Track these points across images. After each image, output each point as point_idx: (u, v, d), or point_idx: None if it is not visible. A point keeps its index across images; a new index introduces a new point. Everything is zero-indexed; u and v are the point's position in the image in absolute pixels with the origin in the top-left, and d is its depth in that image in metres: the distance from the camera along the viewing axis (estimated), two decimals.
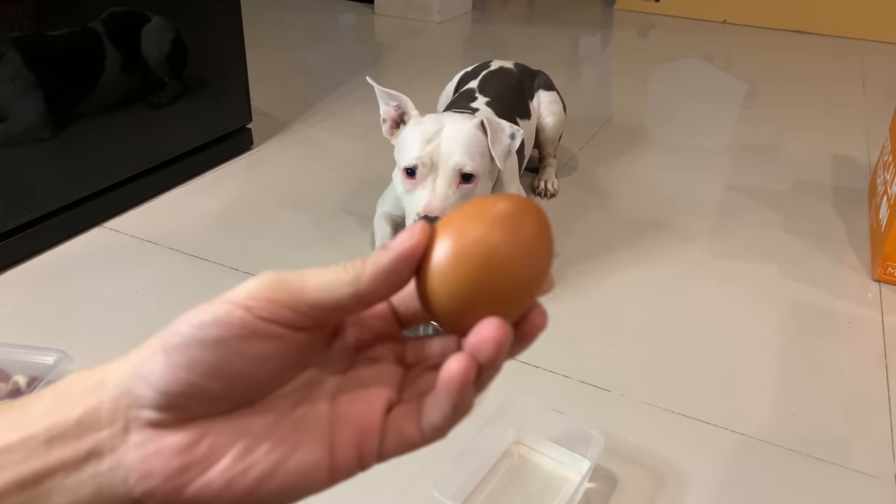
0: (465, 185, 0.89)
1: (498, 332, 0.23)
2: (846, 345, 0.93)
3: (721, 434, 0.77)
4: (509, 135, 0.93)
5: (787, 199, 1.32)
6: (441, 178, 0.88)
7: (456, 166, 0.88)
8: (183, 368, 0.23)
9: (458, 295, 0.24)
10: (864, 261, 1.12)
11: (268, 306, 0.23)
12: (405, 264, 0.24)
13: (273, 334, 0.24)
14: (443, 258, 0.24)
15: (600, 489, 0.69)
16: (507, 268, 0.24)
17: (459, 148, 0.88)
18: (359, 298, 0.24)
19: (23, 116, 1.00)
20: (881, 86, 2.02)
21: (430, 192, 0.88)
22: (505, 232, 0.24)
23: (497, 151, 0.91)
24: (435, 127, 0.90)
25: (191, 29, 1.21)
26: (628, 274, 1.06)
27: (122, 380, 0.24)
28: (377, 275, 0.24)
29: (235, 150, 1.40)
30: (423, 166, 0.88)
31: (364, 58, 2.12)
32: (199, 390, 0.23)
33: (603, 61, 2.27)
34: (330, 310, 0.24)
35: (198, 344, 0.23)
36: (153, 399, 0.23)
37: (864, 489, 0.71)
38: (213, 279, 1.01)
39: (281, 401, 0.25)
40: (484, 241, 0.24)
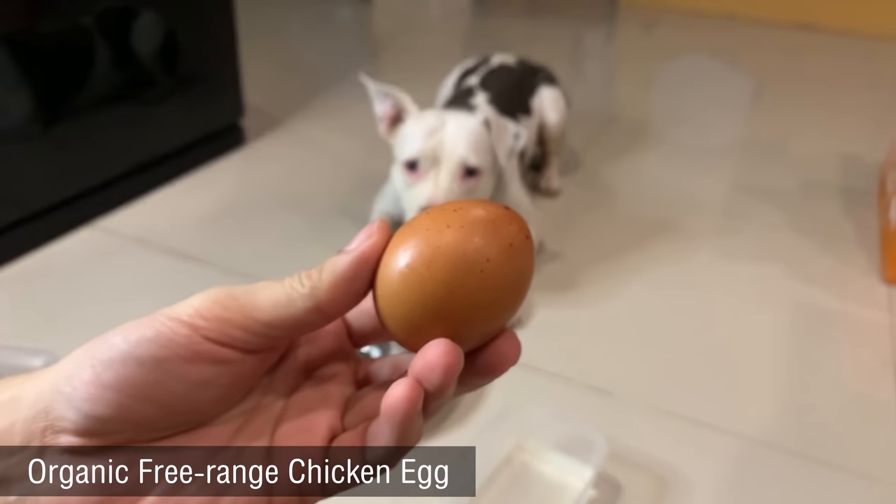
0: (469, 179, 0.88)
1: (446, 357, 0.21)
2: (854, 348, 0.91)
3: (727, 439, 0.75)
4: (513, 134, 0.92)
5: (794, 198, 1.30)
6: (444, 171, 0.86)
7: (460, 159, 0.86)
8: (113, 389, 0.20)
9: (410, 307, 0.21)
10: (873, 262, 1.10)
11: (217, 326, 0.21)
12: (366, 268, 0.22)
13: (220, 357, 0.21)
14: (398, 264, 0.21)
15: (604, 497, 0.68)
16: (461, 280, 0.21)
17: (464, 141, 0.87)
18: (319, 312, 0.22)
19: (12, 113, 0.99)
20: (891, 84, 2.00)
21: (433, 184, 0.86)
22: (476, 239, 0.21)
23: (501, 149, 0.90)
24: (437, 121, 0.89)
25: (183, 24, 1.20)
26: (632, 275, 1.04)
27: (40, 397, 0.21)
28: (336, 283, 0.22)
29: (228, 148, 1.38)
30: (426, 159, 0.86)
31: (361, 52, 2.10)
32: (129, 414, 0.20)
33: (607, 57, 2.25)
34: (287, 328, 0.22)
35: (134, 362, 0.20)
36: (74, 421, 0.20)
37: (870, 493, 0.70)
38: (204, 279, 0.99)
39: (218, 429, 0.22)
40: (448, 248, 0.21)
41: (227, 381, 0.22)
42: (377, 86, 0.93)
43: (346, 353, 0.25)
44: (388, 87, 0.93)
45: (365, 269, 0.22)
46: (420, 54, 2.08)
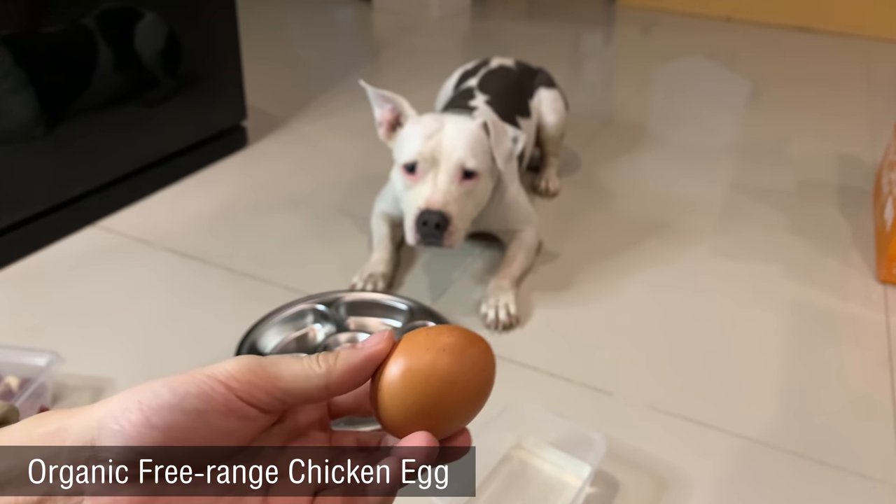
0: (467, 181, 0.88)
1: (429, 444, 0.27)
2: (851, 347, 0.91)
3: (724, 438, 0.76)
4: (512, 138, 0.92)
5: (791, 199, 1.31)
6: (443, 173, 0.87)
7: (458, 161, 0.87)
8: (159, 430, 0.25)
9: (405, 403, 0.28)
10: (868, 262, 1.11)
11: (248, 388, 0.26)
12: (372, 365, 0.28)
13: (246, 414, 0.26)
14: (394, 372, 0.29)
15: (601, 494, 0.68)
16: (445, 391, 0.29)
17: (462, 144, 0.87)
18: (328, 390, 0.27)
19: (15, 114, 0.99)
20: (887, 85, 2.00)
21: (431, 186, 0.86)
22: (449, 360, 0.29)
23: (499, 153, 0.90)
24: (436, 124, 0.89)
25: (185, 25, 1.20)
26: (630, 275, 1.05)
27: (87, 431, 0.25)
28: (347, 371, 0.27)
29: (230, 148, 1.39)
30: (424, 162, 0.87)
31: (361, 54, 2.11)
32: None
33: (605, 58, 2.26)
34: (300, 398, 0.27)
35: (180, 411, 0.25)
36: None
37: (868, 493, 0.70)
38: (206, 279, 1.00)
39: (220, 474, 0.27)
40: (429, 366, 0.28)
41: (245, 434, 0.27)
42: (376, 90, 0.93)
43: (325, 423, 0.31)
44: (386, 91, 0.94)
45: (371, 366, 0.28)
46: (420, 55, 2.09)
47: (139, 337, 0.88)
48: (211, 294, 0.96)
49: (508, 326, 0.91)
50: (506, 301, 0.92)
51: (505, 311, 0.91)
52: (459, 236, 0.88)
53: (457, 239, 0.87)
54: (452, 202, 0.86)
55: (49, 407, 0.75)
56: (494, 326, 0.91)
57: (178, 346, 0.86)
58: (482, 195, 0.92)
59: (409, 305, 0.90)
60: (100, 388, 0.79)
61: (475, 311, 0.94)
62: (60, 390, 0.78)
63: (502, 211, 1.03)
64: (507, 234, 1.06)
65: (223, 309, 0.93)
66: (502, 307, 0.91)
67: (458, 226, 0.86)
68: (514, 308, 0.92)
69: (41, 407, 0.74)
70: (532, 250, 1.05)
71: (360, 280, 0.96)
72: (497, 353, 0.97)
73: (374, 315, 0.91)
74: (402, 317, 0.90)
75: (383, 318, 0.91)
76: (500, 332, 0.91)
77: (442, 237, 0.85)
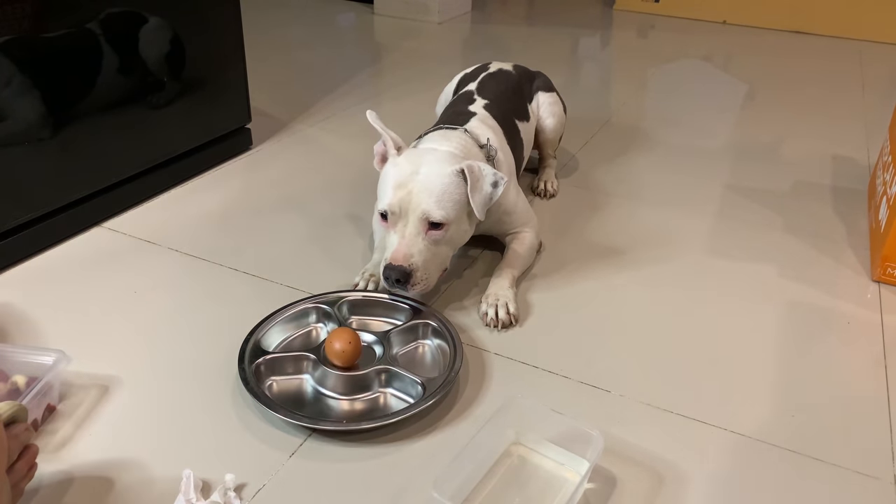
0: (435, 232, 0.88)
1: None
2: (845, 345, 0.93)
3: (720, 434, 0.77)
4: (491, 182, 0.90)
5: (786, 199, 1.32)
6: (410, 224, 0.88)
7: (423, 215, 0.87)
8: None
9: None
10: (863, 261, 1.12)
11: None
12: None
13: None
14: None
15: (600, 490, 0.69)
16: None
17: (430, 196, 0.87)
18: None
19: (21, 117, 1.00)
20: (880, 86, 2.02)
21: (399, 238, 0.88)
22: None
23: (476, 200, 0.89)
24: (410, 169, 0.89)
25: (189, 29, 1.21)
26: (627, 274, 1.06)
27: None
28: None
29: (234, 151, 1.40)
30: (393, 214, 0.88)
31: (363, 58, 2.12)
32: None
33: (602, 62, 2.27)
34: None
35: None
36: None
37: (862, 490, 0.71)
38: (211, 279, 1.01)
39: None
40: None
41: None
42: (375, 123, 0.94)
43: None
44: (382, 125, 0.93)
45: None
46: (421, 59, 2.10)
47: (145, 336, 0.89)
48: (215, 293, 0.97)
49: (508, 325, 0.92)
50: (505, 300, 0.93)
51: (504, 310, 0.92)
52: (428, 282, 0.89)
53: (423, 287, 0.89)
54: (417, 254, 0.87)
55: (56, 405, 0.77)
56: (494, 325, 0.92)
57: (184, 345, 0.87)
58: (458, 238, 0.93)
59: (410, 304, 0.91)
60: (106, 386, 0.80)
61: (475, 310, 0.95)
62: (67, 389, 0.79)
63: (502, 214, 1.04)
64: (508, 236, 1.07)
65: (228, 308, 0.94)
66: (501, 306, 0.93)
67: (421, 277, 0.88)
68: (514, 307, 0.93)
69: (48, 405, 0.75)
70: (532, 250, 1.06)
71: (362, 280, 0.98)
72: (496, 350, 0.98)
73: (376, 314, 0.92)
74: (403, 316, 0.91)
75: (385, 318, 0.92)
76: (499, 330, 0.92)
77: (406, 288, 0.88)
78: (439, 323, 0.88)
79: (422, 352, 0.87)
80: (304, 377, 0.82)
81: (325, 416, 0.77)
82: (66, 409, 0.76)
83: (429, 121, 1.19)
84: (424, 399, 0.76)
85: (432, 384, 0.78)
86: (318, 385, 0.80)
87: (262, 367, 0.81)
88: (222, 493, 0.66)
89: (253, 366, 0.80)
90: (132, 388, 0.80)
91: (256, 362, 0.81)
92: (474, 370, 0.85)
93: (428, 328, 0.88)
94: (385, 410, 0.78)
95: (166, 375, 0.82)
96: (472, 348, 0.89)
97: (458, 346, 0.84)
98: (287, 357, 0.83)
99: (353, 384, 0.80)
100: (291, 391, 0.80)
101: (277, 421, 0.75)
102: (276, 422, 0.75)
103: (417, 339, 0.88)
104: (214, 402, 0.78)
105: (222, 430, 0.75)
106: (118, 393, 0.79)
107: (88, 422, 0.75)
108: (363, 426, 0.75)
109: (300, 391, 0.80)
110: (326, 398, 0.79)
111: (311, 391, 0.80)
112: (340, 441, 0.74)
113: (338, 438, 0.74)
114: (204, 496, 0.66)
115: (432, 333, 0.88)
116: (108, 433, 0.74)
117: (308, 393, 0.80)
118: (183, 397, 0.79)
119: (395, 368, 0.80)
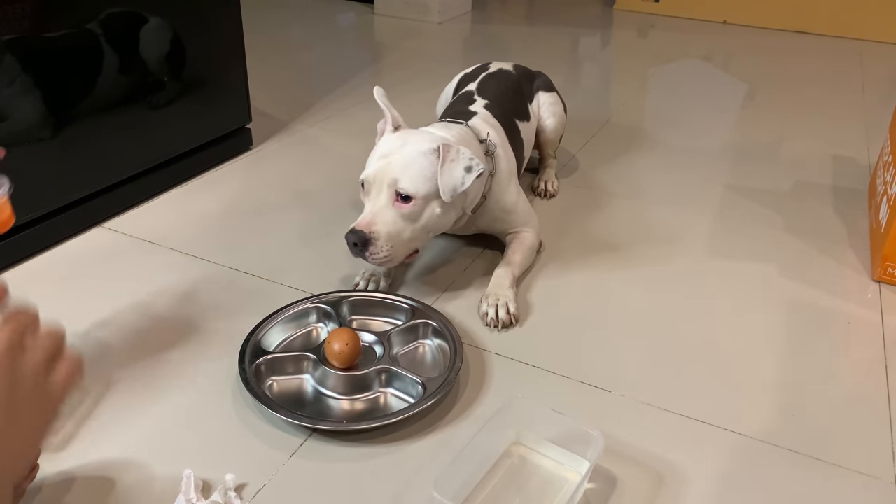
0: (403, 204, 0.87)
1: None
2: (846, 345, 0.93)
3: (721, 434, 0.77)
4: (465, 167, 0.87)
5: (786, 199, 1.32)
6: (382, 195, 0.88)
7: (391, 183, 0.87)
8: None
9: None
10: (863, 261, 1.12)
11: None
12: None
13: None
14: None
15: (600, 490, 0.69)
16: None
17: (403, 167, 0.87)
18: None
19: (22, 117, 1.00)
20: (881, 86, 2.02)
21: (370, 206, 0.88)
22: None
23: (444, 181, 0.87)
24: (397, 143, 0.90)
25: (190, 29, 1.21)
26: (628, 274, 1.06)
27: None
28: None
29: (235, 151, 1.40)
30: (368, 182, 0.88)
31: (363, 57, 2.12)
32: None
33: (602, 62, 2.27)
34: None
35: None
36: None
37: (863, 490, 0.71)
38: (212, 279, 1.01)
39: None
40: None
41: None
42: (380, 100, 0.94)
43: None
44: (387, 102, 0.94)
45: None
46: (421, 59, 2.10)
47: (145, 336, 0.89)
48: (216, 293, 0.97)
49: (508, 325, 0.92)
50: (505, 300, 0.93)
51: (504, 310, 0.92)
52: (391, 256, 0.87)
53: (384, 259, 0.87)
54: (381, 223, 0.86)
55: None
56: (494, 325, 0.92)
57: (184, 344, 0.87)
58: (431, 219, 0.90)
59: (410, 304, 0.91)
60: (106, 386, 0.80)
61: (475, 310, 0.95)
62: None
63: (501, 213, 1.04)
64: (508, 235, 1.07)
65: (228, 308, 0.94)
66: (502, 306, 0.93)
67: (382, 247, 0.86)
68: (514, 307, 0.93)
69: None
70: (532, 250, 1.06)
71: (362, 280, 0.98)
72: (496, 350, 0.98)
73: (377, 314, 0.93)
74: (403, 316, 0.91)
75: (385, 317, 0.92)
76: (499, 330, 0.92)
77: (364, 254, 0.87)
78: (440, 323, 0.88)
79: (422, 352, 0.88)
80: (305, 377, 0.82)
81: (325, 416, 0.77)
82: (67, 409, 0.76)
83: (429, 120, 1.19)
84: (425, 399, 0.77)
85: (433, 384, 0.78)
86: (319, 385, 0.80)
87: (263, 367, 0.81)
88: (223, 493, 0.66)
89: (253, 366, 0.80)
90: (132, 388, 0.80)
91: (257, 362, 0.81)
92: (475, 370, 0.85)
93: (428, 328, 0.88)
94: (385, 410, 0.78)
95: (166, 375, 0.82)
96: (472, 348, 0.89)
97: (458, 346, 0.84)
98: (287, 357, 0.83)
99: (354, 384, 0.80)
100: (292, 391, 0.80)
101: (278, 421, 0.75)
102: (277, 422, 0.75)
103: (418, 339, 0.88)
104: (215, 402, 0.78)
105: (223, 430, 0.75)
106: (119, 393, 0.79)
107: (89, 422, 0.75)
108: (363, 426, 0.75)
109: (300, 391, 0.80)
110: (327, 398, 0.79)
111: (312, 391, 0.80)
112: (341, 441, 0.74)
113: (338, 438, 0.74)
114: (204, 496, 0.66)
115: (433, 333, 0.88)
116: (109, 433, 0.74)
117: (308, 393, 0.80)
118: (183, 397, 0.79)
119: (395, 368, 0.81)
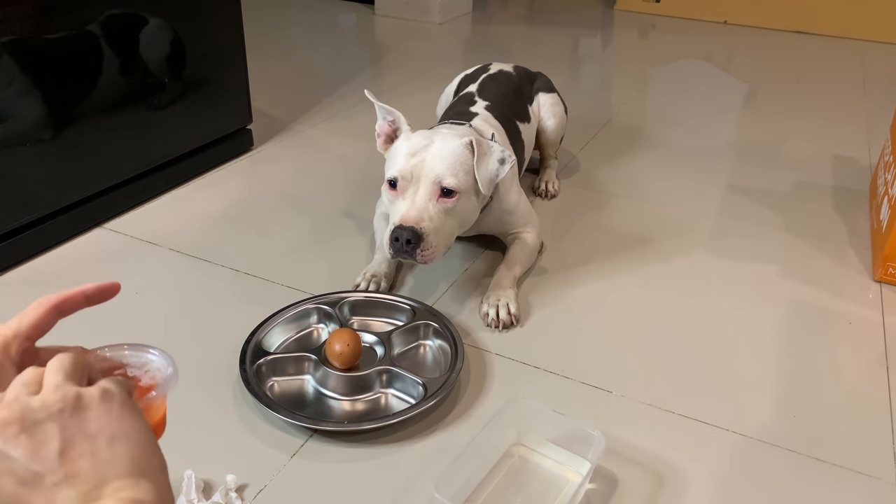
0: (446, 199, 0.88)
1: None
2: (847, 345, 0.93)
3: (722, 435, 0.77)
4: (498, 159, 0.89)
5: (787, 199, 1.32)
6: (421, 190, 0.87)
7: (436, 178, 0.87)
8: None
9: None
10: (864, 261, 1.12)
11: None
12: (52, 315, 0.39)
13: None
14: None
15: (601, 490, 0.69)
16: None
17: (443, 162, 0.87)
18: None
19: (23, 118, 1.00)
20: (882, 86, 2.02)
21: (409, 203, 0.87)
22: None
23: (481, 174, 0.88)
24: (424, 142, 0.90)
25: (190, 30, 1.22)
26: (629, 274, 1.06)
27: None
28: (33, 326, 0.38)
29: (236, 151, 1.40)
30: (404, 179, 0.88)
31: (364, 58, 2.13)
32: None
33: (603, 62, 2.27)
34: None
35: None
36: None
37: (864, 490, 0.71)
38: (213, 279, 1.01)
39: None
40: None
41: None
42: (379, 103, 0.94)
43: None
44: (387, 105, 0.94)
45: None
46: (421, 59, 2.10)
47: (145, 337, 0.89)
48: (217, 294, 0.98)
49: (509, 325, 0.92)
50: (506, 300, 0.93)
51: (505, 310, 0.92)
52: (435, 253, 0.87)
53: (431, 255, 0.86)
54: (428, 219, 0.86)
55: None
56: (495, 325, 0.92)
57: (185, 345, 0.88)
58: (466, 214, 0.91)
59: (411, 305, 0.91)
60: None
61: (476, 311, 0.96)
62: None
63: (503, 214, 1.04)
64: (509, 236, 1.07)
65: (229, 309, 0.94)
66: (503, 306, 0.93)
67: (432, 242, 0.86)
68: (515, 307, 0.93)
69: None
70: (533, 251, 1.06)
71: (363, 280, 0.98)
72: (497, 351, 0.98)
73: (377, 315, 0.93)
74: (404, 316, 0.91)
75: (386, 318, 0.92)
76: (500, 331, 0.92)
77: (414, 253, 0.85)
78: (440, 323, 0.88)
79: (423, 352, 0.88)
80: (306, 378, 0.82)
81: (326, 416, 0.77)
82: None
83: (429, 122, 1.20)
84: (426, 399, 0.77)
85: (433, 385, 0.78)
86: (320, 386, 0.80)
87: (264, 368, 0.81)
88: (224, 494, 0.66)
89: (254, 366, 0.80)
90: None
91: (258, 363, 0.81)
92: (475, 371, 0.85)
93: (429, 329, 0.88)
94: (386, 411, 0.78)
95: None
96: (473, 349, 0.89)
97: (459, 346, 0.84)
98: (288, 358, 0.83)
99: (355, 385, 0.80)
100: (293, 392, 0.80)
101: (279, 421, 0.75)
102: (278, 422, 0.75)
103: (418, 340, 0.88)
104: (216, 403, 0.78)
105: (224, 431, 0.75)
106: None
107: None
108: (364, 427, 0.75)
109: (301, 392, 0.80)
110: (328, 399, 0.79)
111: (313, 392, 0.80)
112: (342, 442, 0.74)
113: (339, 439, 0.74)
114: (205, 497, 0.66)
115: (433, 334, 0.88)
116: None
117: (309, 393, 0.80)
118: (184, 398, 0.79)
119: (396, 369, 0.81)
